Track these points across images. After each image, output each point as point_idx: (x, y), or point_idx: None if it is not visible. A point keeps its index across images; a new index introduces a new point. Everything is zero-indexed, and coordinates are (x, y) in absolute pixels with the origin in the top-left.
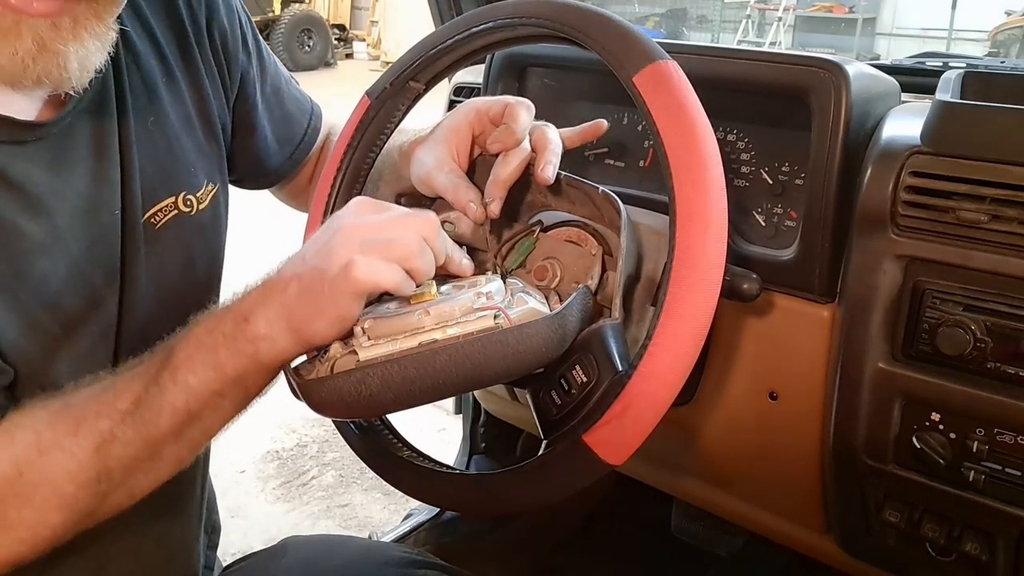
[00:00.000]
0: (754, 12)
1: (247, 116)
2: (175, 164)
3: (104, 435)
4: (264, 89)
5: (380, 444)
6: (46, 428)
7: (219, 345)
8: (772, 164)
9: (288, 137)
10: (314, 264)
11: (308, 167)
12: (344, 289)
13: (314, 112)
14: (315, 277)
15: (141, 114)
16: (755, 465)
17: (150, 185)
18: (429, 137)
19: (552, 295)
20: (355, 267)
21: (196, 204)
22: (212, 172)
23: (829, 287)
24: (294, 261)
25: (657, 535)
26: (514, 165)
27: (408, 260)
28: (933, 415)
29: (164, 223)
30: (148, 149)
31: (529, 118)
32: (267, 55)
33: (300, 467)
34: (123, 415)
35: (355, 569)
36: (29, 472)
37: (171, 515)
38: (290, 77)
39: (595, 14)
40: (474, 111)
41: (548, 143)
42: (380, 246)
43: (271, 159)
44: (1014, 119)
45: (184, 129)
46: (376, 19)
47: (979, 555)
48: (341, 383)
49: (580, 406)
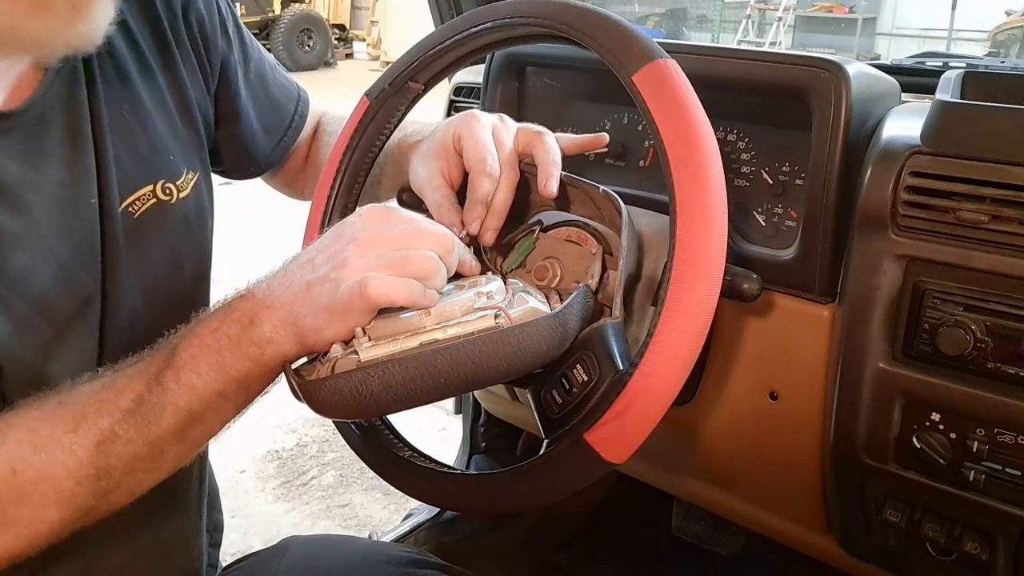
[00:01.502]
0: (754, 12)
1: (230, 104)
2: (152, 152)
3: (105, 433)
4: (247, 76)
5: (380, 444)
6: (42, 425)
7: (223, 348)
8: (772, 164)
9: (275, 124)
10: (325, 273)
11: (299, 153)
12: (358, 304)
13: (300, 97)
14: (327, 288)
15: (115, 102)
16: (755, 465)
17: (127, 173)
18: (424, 147)
19: (552, 295)
20: (370, 284)
21: (176, 192)
22: (192, 160)
23: (829, 287)
24: (302, 265)
25: (658, 534)
26: (506, 193)
27: (424, 278)
28: (933, 415)
29: (144, 212)
30: (124, 137)
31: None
32: (249, 41)
33: (300, 467)
34: (125, 413)
35: (355, 569)
36: (24, 469)
37: (165, 510)
38: (275, 63)
39: (594, 13)
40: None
41: (547, 154)
42: (396, 262)
43: (258, 147)
44: (1014, 119)
45: (161, 117)
46: (376, 19)
47: (979, 555)
48: (342, 384)
49: (581, 405)
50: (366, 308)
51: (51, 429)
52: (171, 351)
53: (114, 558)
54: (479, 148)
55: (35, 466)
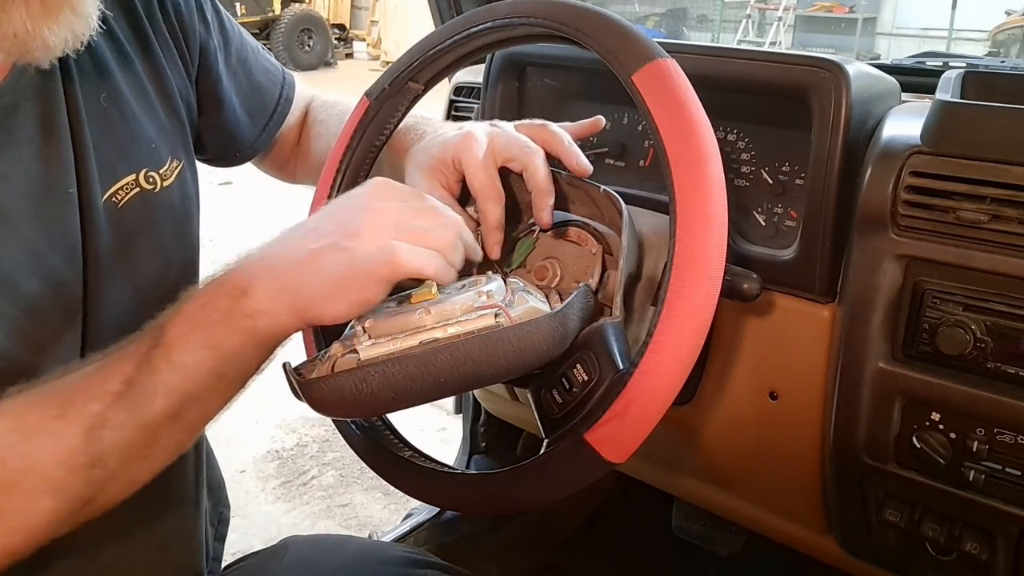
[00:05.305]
0: (754, 12)
1: (212, 90)
2: (133, 141)
3: (95, 418)
4: (228, 61)
5: (381, 444)
6: (29, 412)
7: (215, 322)
8: (772, 164)
9: (259, 109)
10: (335, 241)
11: (288, 138)
12: (381, 273)
13: (286, 81)
14: (338, 257)
15: (91, 91)
16: (755, 465)
17: (107, 163)
18: (420, 159)
19: (553, 294)
20: (399, 252)
21: (160, 181)
22: (175, 148)
23: (829, 287)
24: (305, 234)
25: (658, 534)
26: (500, 210)
27: (445, 251)
28: (933, 415)
29: (127, 201)
30: (102, 126)
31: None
32: (229, 25)
33: (300, 467)
34: (114, 397)
35: (355, 569)
36: (12, 458)
37: (161, 504)
38: (258, 46)
39: (593, 13)
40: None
41: (541, 180)
42: (416, 233)
43: (243, 133)
44: (1014, 119)
45: (141, 105)
46: (376, 19)
47: (979, 554)
48: (342, 382)
49: (581, 405)
50: (388, 276)
51: (38, 416)
52: (159, 330)
53: (109, 554)
54: (482, 174)
55: (23, 454)
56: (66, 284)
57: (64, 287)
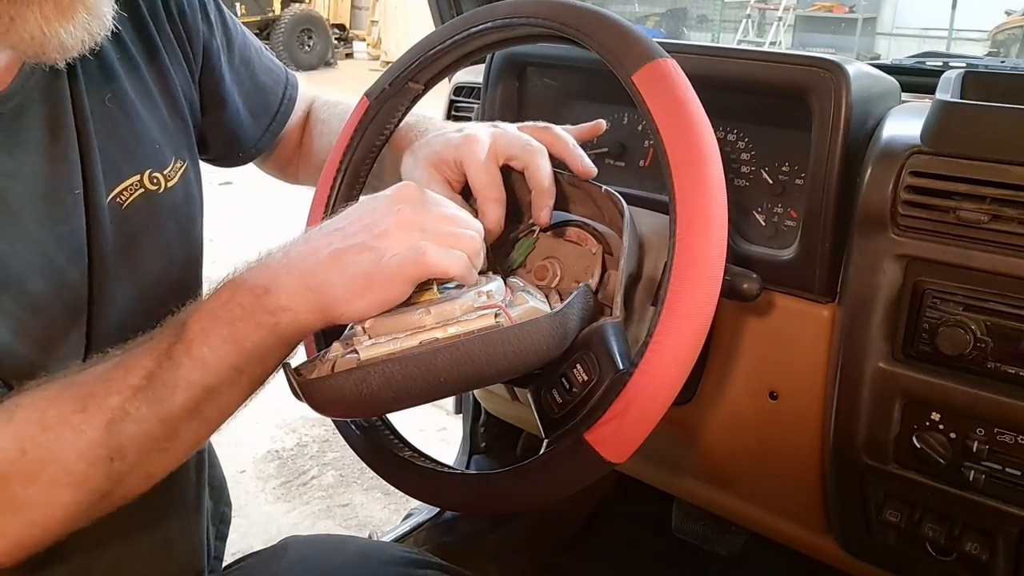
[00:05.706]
0: (754, 12)
1: (215, 90)
2: (137, 141)
3: (115, 411)
4: (231, 61)
5: (381, 444)
6: (50, 405)
7: (236, 318)
8: (772, 164)
9: (262, 109)
10: (362, 241)
11: (291, 138)
12: (408, 273)
13: (289, 81)
14: (366, 257)
15: (96, 92)
16: (755, 465)
17: (112, 163)
18: (421, 154)
19: (553, 294)
20: (429, 252)
21: (164, 182)
22: (179, 149)
23: (829, 287)
24: (329, 234)
25: (658, 534)
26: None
27: (471, 255)
28: (933, 415)
29: (132, 202)
30: (107, 127)
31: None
32: (233, 25)
33: (300, 467)
34: (135, 391)
35: (355, 569)
36: (33, 449)
37: (163, 504)
38: (261, 47)
39: (593, 13)
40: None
41: (542, 180)
42: (444, 235)
43: (246, 133)
44: (1014, 119)
45: (145, 106)
46: (376, 19)
47: (979, 555)
48: (342, 382)
49: (581, 405)
50: (415, 277)
51: (59, 409)
52: (180, 326)
53: (113, 553)
54: (483, 174)
55: (43, 445)
56: (72, 284)
57: (70, 287)
